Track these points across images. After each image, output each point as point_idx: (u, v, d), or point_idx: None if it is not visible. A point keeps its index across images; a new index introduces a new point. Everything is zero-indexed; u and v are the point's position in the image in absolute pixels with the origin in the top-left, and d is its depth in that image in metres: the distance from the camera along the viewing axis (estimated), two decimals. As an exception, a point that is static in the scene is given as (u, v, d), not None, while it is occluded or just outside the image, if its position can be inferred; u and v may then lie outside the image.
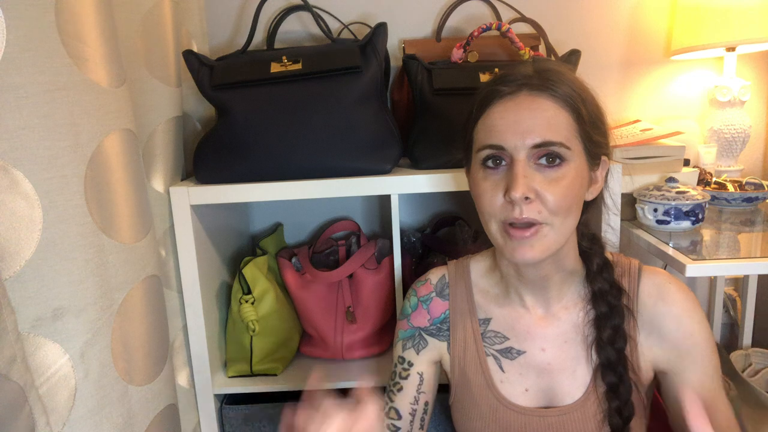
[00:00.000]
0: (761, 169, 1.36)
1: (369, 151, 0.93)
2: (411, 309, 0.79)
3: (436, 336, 0.77)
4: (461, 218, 1.25)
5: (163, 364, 0.81)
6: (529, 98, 0.61)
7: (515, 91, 0.62)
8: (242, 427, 1.03)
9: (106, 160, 0.68)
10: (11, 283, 0.57)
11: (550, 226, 0.61)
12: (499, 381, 0.72)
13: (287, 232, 1.35)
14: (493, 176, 0.63)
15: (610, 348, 0.66)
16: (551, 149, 0.60)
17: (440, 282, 0.79)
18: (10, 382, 0.52)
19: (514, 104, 0.61)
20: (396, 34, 1.27)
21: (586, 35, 1.28)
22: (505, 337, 0.73)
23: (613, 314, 0.67)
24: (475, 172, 0.66)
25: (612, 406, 0.66)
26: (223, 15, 1.27)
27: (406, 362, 0.77)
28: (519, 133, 0.60)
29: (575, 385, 0.69)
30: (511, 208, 0.60)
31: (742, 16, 1.12)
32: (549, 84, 0.61)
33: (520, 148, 0.60)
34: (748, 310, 1.29)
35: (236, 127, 0.92)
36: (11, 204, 0.57)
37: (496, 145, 0.61)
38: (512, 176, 0.60)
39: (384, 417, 0.75)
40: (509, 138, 0.60)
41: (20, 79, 0.57)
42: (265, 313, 1.02)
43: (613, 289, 0.68)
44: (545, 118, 0.60)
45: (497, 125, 0.61)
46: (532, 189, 0.59)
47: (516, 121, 0.60)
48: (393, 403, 0.76)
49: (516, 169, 0.60)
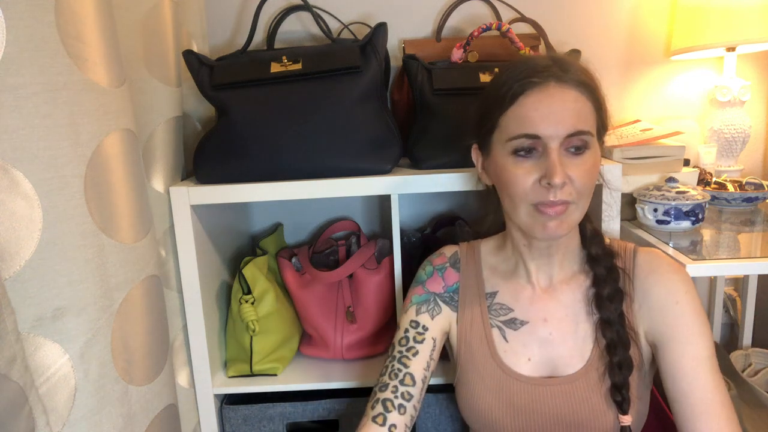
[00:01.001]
0: (761, 169, 1.36)
1: (369, 151, 0.93)
2: (426, 276, 0.82)
3: (448, 304, 0.80)
4: (461, 218, 1.25)
5: (163, 364, 0.81)
6: (558, 89, 0.65)
7: (543, 81, 0.66)
8: (242, 427, 1.03)
9: (106, 160, 0.68)
10: (11, 283, 0.57)
11: (575, 205, 0.67)
12: (503, 351, 0.75)
13: (287, 232, 1.35)
14: (525, 163, 0.67)
15: (609, 305, 0.71)
16: (582, 138, 0.65)
17: (453, 256, 0.83)
18: (10, 382, 0.52)
19: (546, 95, 0.65)
20: (396, 34, 1.27)
21: (586, 35, 1.28)
22: (510, 309, 0.77)
23: (609, 276, 0.72)
24: (500, 158, 0.70)
25: (613, 361, 0.69)
26: (223, 15, 1.27)
27: (421, 326, 0.78)
28: (553, 123, 0.64)
29: (578, 354, 0.73)
30: (545, 192, 0.65)
31: (742, 16, 1.12)
32: (570, 74, 0.66)
33: (554, 138, 0.65)
34: (748, 310, 1.29)
35: (236, 127, 0.92)
36: (11, 204, 0.57)
37: (532, 135, 0.65)
38: (550, 164, 0.64)
39: (397, 385, 0.73)
40: (544, 128, 0.65)
41: (20, 79, 0.57)
42: (265, 313, 1.02)
43: (606, 255, 0.74)
44: (575, 109, 0.65)
45: (532, 116, 0.65)
46: (567, 175, 0.65)
47: (550, 112, 0.65)
48: (408, 368, 0.74)
49: (552, 157, 0.65)
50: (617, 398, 0.69)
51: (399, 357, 0.76)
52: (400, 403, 0.72)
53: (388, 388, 0.73)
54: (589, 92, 0.67)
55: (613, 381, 0.69)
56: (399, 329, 0.79)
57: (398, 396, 0.72)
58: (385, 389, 0.73)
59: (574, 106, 0.65)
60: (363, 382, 1.00)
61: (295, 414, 1.02)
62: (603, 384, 0.70)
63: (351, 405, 1.03)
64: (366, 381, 1.00)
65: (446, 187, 0.92)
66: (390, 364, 0.75)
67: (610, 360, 0.70)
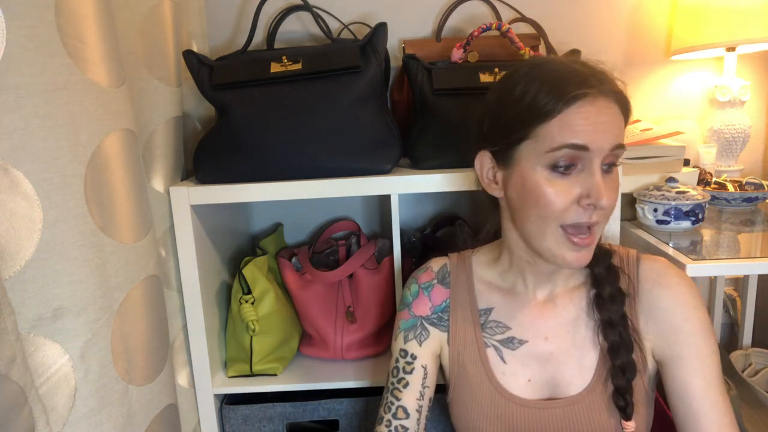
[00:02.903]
0: (761, 169, 1.36)
1: (369, 151, 0.93)
2: (412, 297, 0.78)
3: (437, 326, 0.76)
4: (461, 218, 1.25)
5: (163, 364, 0.81)
6: (604, 101, 0.61)
7: (590, 93, 0.61)
8: (242, 427, 1.03)
9: (106, 160, 0.68)
10: (11, 283, 0.57)
11: (599, 226, 0.64)
12: (501, 373, 0.72)
13: (287, 232, 1.35)
14: (563, 180, 0.62)
15: (611, 305, 0.68)
16: (619, 152, 0.62)
17: (441, 270, 0.79)
18: (10, 382, 0.52)
19: (595, 107, 0.61)
20: (396, 34, 1.27)
21: (586, 35, 1.28)
22: (507, 327, 0.73)
23: (609, 277, 0.69)
24: (532, 172, 0.63)
25: (616, 365, 0.66)
26: (223, 15, 1.27)
27: (409, 355, 0.75)
28: (602, 135, 0.60)
29: (579, 374, 0.69)
30: (582, 212, 0.62)
31: (742, 16, 1.12)
32: (609, 85, 0.62)
33: (601, 151, 0.61)
34: (748, 310, 1.29)
35: (236, 127, 0.92)
36: (11, 204, 0.57)
37: (581, 145, 0.60)
38: (594, 182, 0.61)
39: (390, 419, 0.73)
40: (594, 139, 0.60)
41: (20, 79, 0.57)
42: (265, 313, 1.02)
43: (604, 255, 0.71)
44: (616, 122, 0.62)
45: (581, 125, 0.60)
46: None
47: (599, 122, 0.60)
48: (400, 401, 0.73)
49: (596, 175, 0.61)
50: (620, 403, 0.66)
51: (392, 389, 0.75)
52: None
53: (383, 422, 0.74)
54: (622, 105, 0.63)
55: (616, 385, 0.66)
56: (391, 357, 0.78)
57: (392, 430, 0.72)
58: (380, 423, 0.74)
59: (616, 119, 0.62)
60: (363, 382, 1.00)
61: (295, 414, 1.02)
62: (607, 403, 0.67)
63: (351, 405, 1.03)
64: (366, 381, 1.00)
65: (446, 187, 0.92)
66: (385, 396, 0.76)
67: (613, 363, 0.67)
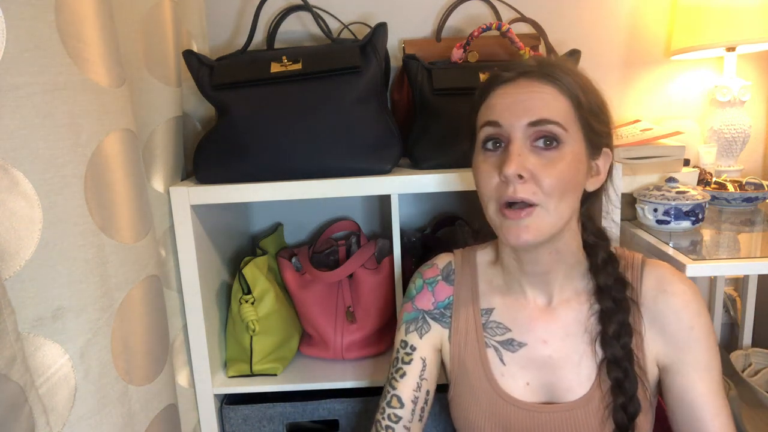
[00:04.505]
0: (761, 169, 1.36)
1: (369, 151, 0.93)
2: (416, 291, 0.79)
3: (439, 321, 0.77)
4: (461, 218, 1.25)
5: (163, 364, 0.81)
6: (527, 83, 0.63)
7: (514, 77, 0.64)
8: (242, 427, 1.03)
9: (106, 160, 0.68)
10: (11, 283, 0.57)
11: (544, 208, 0.61)
12: (500, 374, 0.72)
13: (287, 232, 1.35)
14: (491, 158, 0.64)
15: (615, 343, 0.66)
16: (548, 128, 0.61)
17: (446, 268, 0.79)
18: (10, 382, 0.52)
19: (513, 87, 0.64)
20: (396, 34, 1.27)
21: (586, 35, 1.28)
22: (507, 329, 0.73)
23: (618, 309, 0.67)
24: (475, 156, 0.68)
25: (617, 403, 0.66)
26: (223, 15, 1.27)
27: (409, 346, 0.76)
28: (516, 112, 0.62)
29: (578, 380, 0.69)
30: (506, 187, 0.61)
31: (742, 16, 1.12)
32: (548, 71, 0.63)
33: (516, 127, 0.62)
34: (748, 310, 1.29)
35: (236, 127, 0.92)
36: (11, 204, 0.57)
37: (493, 121, 0.63)
38: (506, 154, 0.61)
39: (384, 407, 0.74)
40: (507, 116, 0.62)
41: (20, 79, 0.57)
42: (265, 313, 1.02)
43: (617, 283, 0.68)
44: (543, 99, 0.62)
45: (496, 104, 0.64)
46: (526, 168, 0.60)
47: (514, 101, 0.62)
48: (395, 390, 0.74)
49: (511, 147, 0.61)
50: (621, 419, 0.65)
51: (390, 378, 0.76)
52: (387, 424, 0.72)
53: (378, 409, 0.75)
54: (568, 90, 0.62)
55: (617, 422, 0.65)
56: (393, 348, 0.79)
57: (385, 417, 0.73)
58: (377, 411, 0.75)
59: (542, 96, 0.62)
60: (363, 382, 1.00)
61: (295, 414, 1.02)
62: (605, 412, 0.67)
63: (351, 405, 1.03)
64: (366, 381, 1.00)
65: (446, 187, 0.92)
66: (384, 385, 0.77)
67: (614, 401, 0.65)
